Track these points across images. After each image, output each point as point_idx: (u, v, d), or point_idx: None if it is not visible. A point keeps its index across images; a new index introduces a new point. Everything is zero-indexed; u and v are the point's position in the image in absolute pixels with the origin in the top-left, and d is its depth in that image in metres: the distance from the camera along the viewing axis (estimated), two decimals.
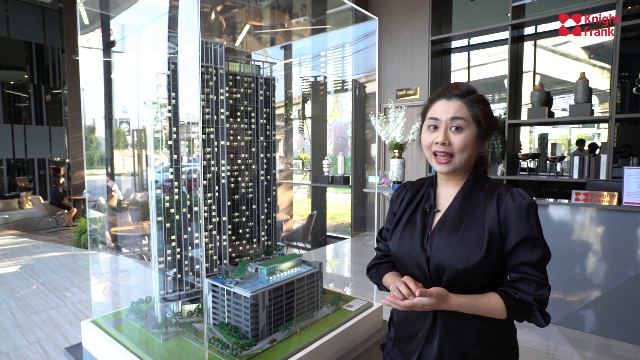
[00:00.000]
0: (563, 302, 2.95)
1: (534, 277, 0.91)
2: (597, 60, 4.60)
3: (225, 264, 2.13)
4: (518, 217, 0.92)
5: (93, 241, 3.35)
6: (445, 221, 0.99)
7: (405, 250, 1.02)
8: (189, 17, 1.86)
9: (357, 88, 6.28)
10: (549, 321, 0.93)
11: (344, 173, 4.29)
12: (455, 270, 0.92)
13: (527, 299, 0.91)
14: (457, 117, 0.96)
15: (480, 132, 0.98)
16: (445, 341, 0.96)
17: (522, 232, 0.92)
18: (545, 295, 0.91)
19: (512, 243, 0.92)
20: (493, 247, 0.92)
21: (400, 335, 1.08)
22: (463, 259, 0.91)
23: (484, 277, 0.94)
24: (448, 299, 0.90)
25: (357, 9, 2.76)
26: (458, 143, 0.96)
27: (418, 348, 1.00)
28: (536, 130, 4.89)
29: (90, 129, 2.89)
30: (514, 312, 0.92)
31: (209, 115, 2.00)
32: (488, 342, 0.96)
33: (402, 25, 5.94)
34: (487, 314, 0.92)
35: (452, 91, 0.99)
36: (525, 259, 0.92)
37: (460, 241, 0.93)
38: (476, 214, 0.96)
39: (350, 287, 3.94)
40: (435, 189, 1.07)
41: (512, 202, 0.93)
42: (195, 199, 1.99)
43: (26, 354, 2.62)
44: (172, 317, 1.94)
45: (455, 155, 0.96)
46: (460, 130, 0.96)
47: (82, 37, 2.31)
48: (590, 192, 2.80)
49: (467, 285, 0.94)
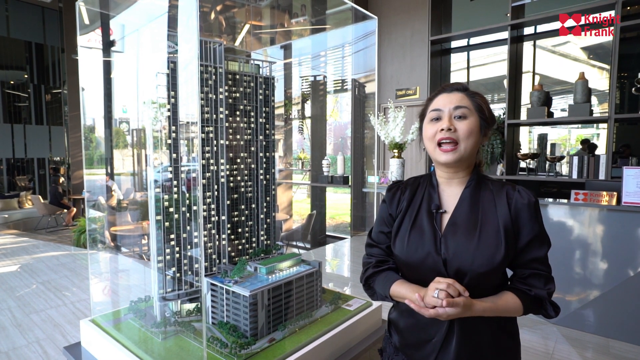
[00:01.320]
0: (562, 301, 2.95)
1: (543, 272, 0.95)
2: (596, 61, 4.60)
3: (225, 263, 2.13)
4: (529, 215, 0.95)
5: (92, 241, 3.35)
6: (457, 223, 0.96)
7: (418, 256, 0.96)
8: (188, 17, 1.86)
9: (357, 88, 6.28)
10: (559, 311, 0.97)
11: (343, 173, 4.29)
12: (478, 274, 0.91)
13: (542, 294, 0.94)
14: (460, 106, 0.96)
15: (483, 122, 0.98)
16: (463, 345, 0.95)
17: (533, 230, 0.94)
18: (553, 288, 0.95)
19: (525, 241, 0.95)
20: (510, 245, 0.93)
21: (409, 341, 1.04)
22: (485, 262, 0.91)
23: (500, 276, 0.97)
24: (472, 306, 0.88)
25: (357, 8, 2.76)
26: (463, 129, 0.95)
27: (432, 354, 0.98)
28: (535, 131, 4.90)
29: (90, 129, 2.90)
30: (529, 308, 0.96)
31: (208, 114, 2.00)
32: (499, 340, 0.98)
33: (402, 25, 5.94)
34: (507, 314, 0.94)
35: (451, 86, 1.02)
36: (535, 255, 0.95)
37: (479, 244, 0.92)
38: (488, 214, 0.95)
39: (349, 286, 3.94)
40: (436, 189, 1.03)
41: (521, 200, 0.95)
42: (195, 198, 1.99)
43: (25, 353, 2.62)
44: (171, 316, 1.94)
45: (460, 142, 0.95)
46: (464, 117, 0.96)
47: (82, 37, 2.31)
48: (589, 192, 2.81)
49: (486, 288, 0.94)
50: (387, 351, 1.12)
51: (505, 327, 0.99)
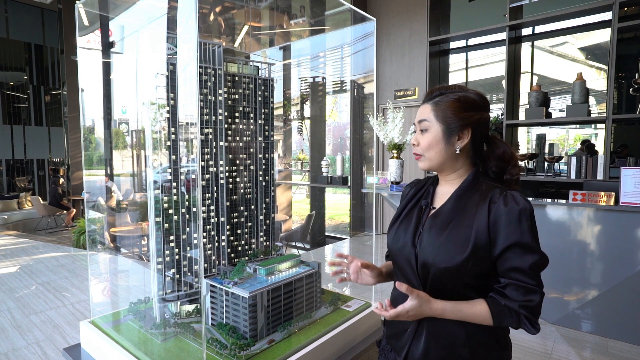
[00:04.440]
0: (561, 301, 2.96)
1: (522, 284, 0.89)
2: (594, 61, 4.61)
3: (224, 264, 2.13)
4: (508, 222, 0.90)
5: (92, 242, 3.35)
6: (436, 219, 1.00)
7: (398, 245, 1.04)
8: (187, 18, 1.87)
9: (356, 89, 6.29)
10: (538, 329, 0.91)
11: (342, 173, 4.29)
12: (439, 269, 0.93)
13: (513, 305, 0.89)
14: (421, 120, 1.02)
15: (446, 129, 0.99)
16: (432, 338, 0.97)
17: (510, 238, 0.89)
18: (534, 301, 0.89)
19: (500, 248, 0.90)
20: (479, 250, 0.91)
21: (392, 331, 1.10)
22: (446, 258, 0.92)
23: (471, 278, 0.93)
24: (431, 302, 0.91)
25: (356, 10, 2.77)
26: (423, 143, 1.02)
27: (407, 344, 1.02)
28: (534, 131, 4.91)
29: (90, 130, 2.90)
30: (501, 319, 0.91)
31: (208, 115, 2.01)
32: (477, 342, 0.96)
33: (401, 26, 5.95)
34: (473, 320, 0.92)
35: (428, 95, 1.05)
36: (515, 264, 0.90)
37: (446, 240, 0.94)
38: (466, 215, 0.96)
39: (348, 287, 3.94)
40: (434, 188, 1.09)
41: (503, 206, 0.91)
42: (194, 199, 1.99)
43: (25, 354, 2.62)
44: (170, 318, 1.94)
45: (423, 154, 1.03)
46: (425, 131, 1.02)
47: (81, 38, 2.32)
48: (587, 192, 2.82)
49: (453, 286, 0.94)
50: (382, 342, 1.18)
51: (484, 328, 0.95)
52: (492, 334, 0.98)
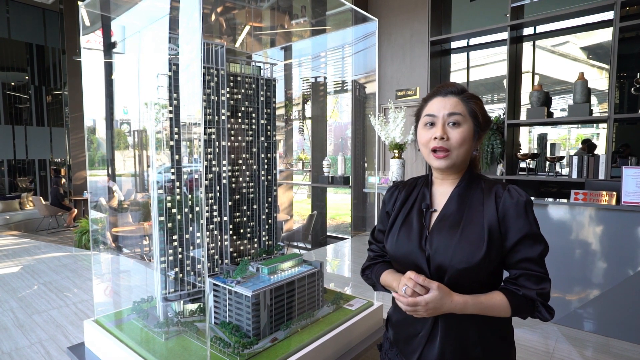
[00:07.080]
0: (562, 301, 2.96)
1: (535, 272, 0.92)
2: (595, 61, 4.61)
3: (227, 263, 2.14)
4: (517, 214, 0.92)
5: (94, 241, 3.36)
6: (444, 220, 0.98)
7: (402, 251, 1.01)
8: (189, 19, 1.88)
9: (357, 89, 6.29)
10: (553, 314, 0.94)
11: (344, 173, 4.30)
12: (457, 271, 0.92)
13: (531, 294, 0.92)
14: (454, 113, 0.96)
15: (476, 127, 0.98)
16: (447, 341, 0.96)
17: (522, 230, 0.92)
18: (547, 288, 0.93)
19: (513, 240, 0.93)
20: (493, 245, 0.92)
21: (400, 335, 1.07)
22: (464, 259, 0.91)
23: (485, 275, 0.94)
24: (452, 295, 0.90)
25: (357, 10, 2.77)
26: (456, 137, 0.96)
27: (418, 348, 1.00)
28: (535, 131, 4.91)
29: (91, 130, 2.91)
30: (518, 309, 0.93)
31: (210, 115, 2.02)
32: (488, 341, 0.96)
33: (402, 26, 5.96)
34: (492, 312, 0.92)
35: (447, 88, 1.00)
36: (526, 255, 0.92)
37: (460, 240, 0.93)
38: (474, 212, 0.96)
39: (350, 286, 3.95)
40: (430, 189, 1.06)
41: (510, 199, 0.93)
42: (197, 199, 2.00)
43: (28, 354, 2.63)
44: (173, 317, 1.95)
45: (452, 150, 0.96)
46: (457, 125, 0.96)
47: (84, 38, 2.33)
48: (589, 192, 2.82)
49: (469, 285, 0.94)
50: (385, 346, 1.16)
51: (494, 327, 0.97)
52: (501, 332, 0.99)
